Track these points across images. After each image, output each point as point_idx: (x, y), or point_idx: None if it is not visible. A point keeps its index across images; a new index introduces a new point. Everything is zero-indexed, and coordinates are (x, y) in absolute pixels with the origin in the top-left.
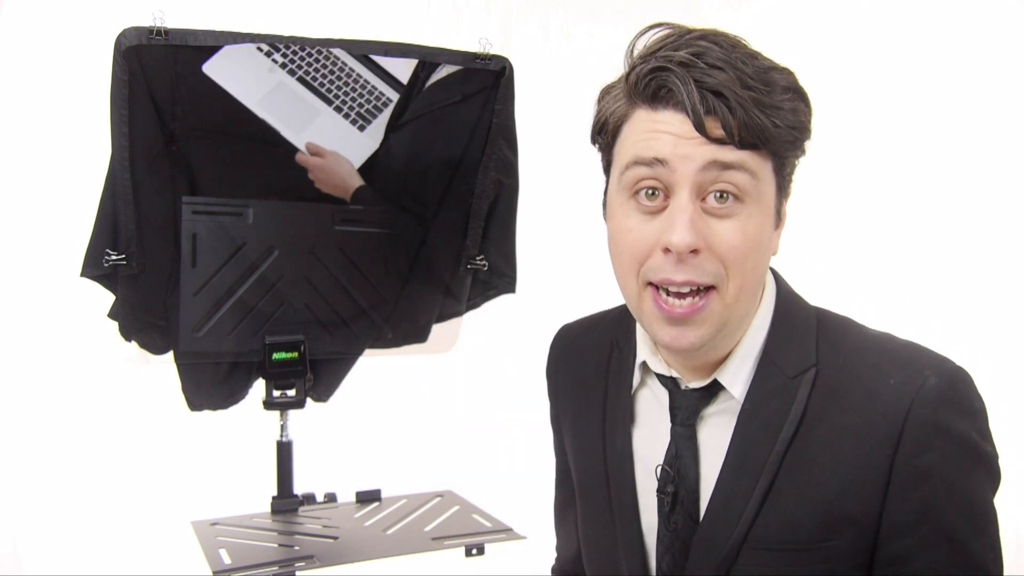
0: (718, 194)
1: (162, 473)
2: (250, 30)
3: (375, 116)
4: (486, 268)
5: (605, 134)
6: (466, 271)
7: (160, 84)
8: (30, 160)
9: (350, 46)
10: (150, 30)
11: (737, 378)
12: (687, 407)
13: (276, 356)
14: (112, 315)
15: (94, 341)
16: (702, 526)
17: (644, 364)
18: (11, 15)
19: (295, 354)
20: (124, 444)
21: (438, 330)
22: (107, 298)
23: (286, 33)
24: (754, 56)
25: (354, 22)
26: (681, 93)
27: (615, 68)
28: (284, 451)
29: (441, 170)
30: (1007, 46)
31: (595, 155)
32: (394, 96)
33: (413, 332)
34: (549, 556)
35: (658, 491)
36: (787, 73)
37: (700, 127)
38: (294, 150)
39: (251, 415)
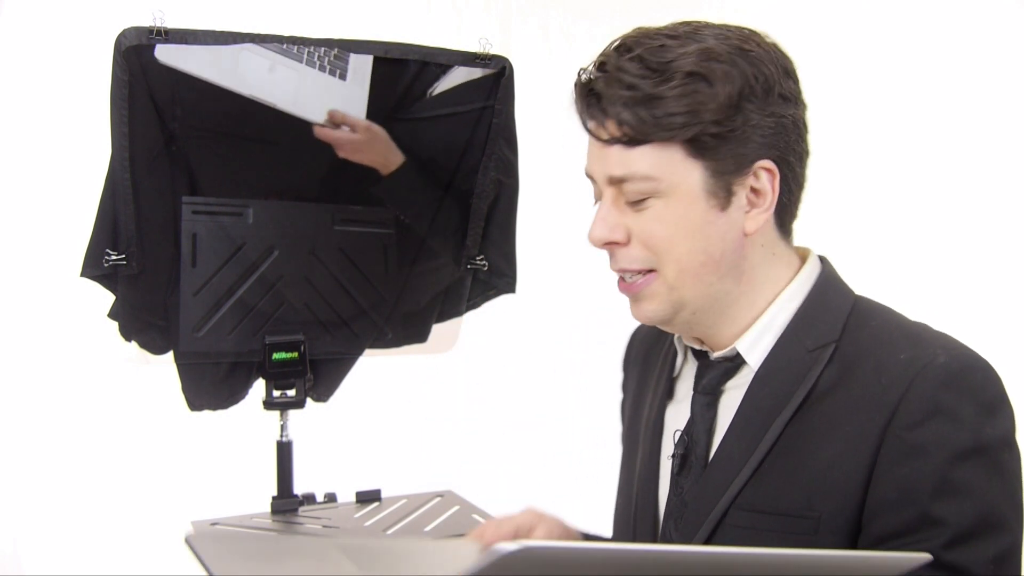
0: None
1: (162, 473)
2: (250, 30)
3: (346, 59)
4: (486, 268)
5: None
6: (466, 271)
7: (160, 84)
8: (30, 160)
9: (350, 46)
10: (150, 30)
11: (756, 347)
12: (710, 376)
13: (276, 356)
14: (112, 315)
15: (94, 341)
16: (698, 485)
17: (680, 340)
18: (11, 15)
19: (295, 354)
20: (124, 444)
21: (438, 330)
22: (107, 298)
23: (286, 33)
24: (657, 50)
25: (354, 22)
26: (576, 105)
27: None
28: (284, 451)
29: (441, 170)
30: (1008, 44)
31: None
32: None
33: (413, 332)
34: None
35: (672, 455)
36: (694, 56)
37: (592, 134)
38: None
39: (251, 415)
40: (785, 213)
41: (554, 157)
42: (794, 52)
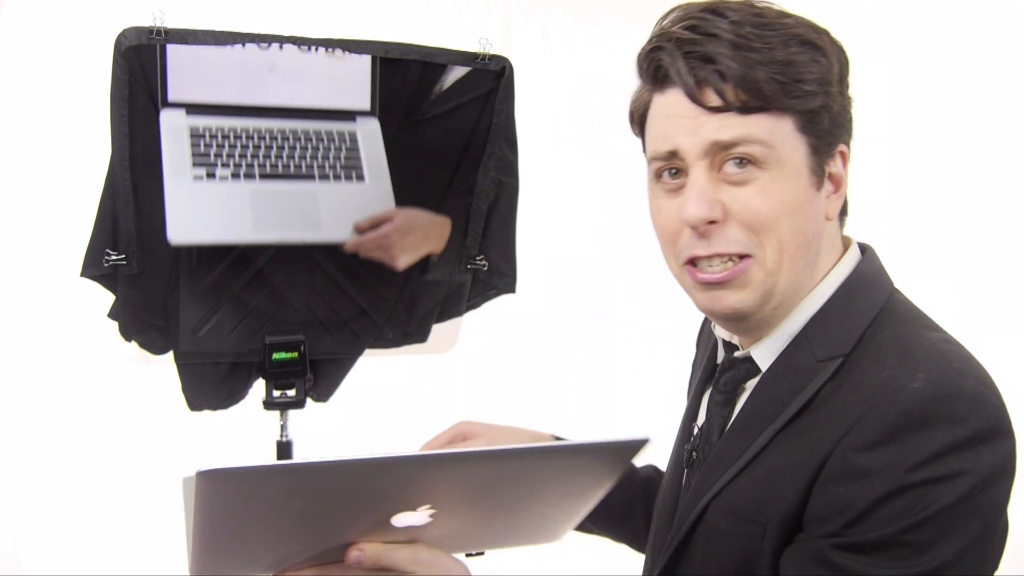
0: (737, 160)
1: (162, 473)
2: (250, 30)
3: (357, 158)
4: (486, 268)
5: (635, 124)
6: (466, 271)
7: (160, 84)
8: (30, 160)
9: (350, 46)
10: (150, 30)
11: (768, 351)
12: (728, 376)
13: (276, 356)
14: (112, 315)
15: (94, 341)
16: (691, 482)
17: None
18: (11, 15)
19: (295, 354)
20: (124, 444)
21: (438, 330)
22: (107, 298)
23: (286, 33)
24: (760, 15)
25: (354, 22)
26: (671, 69)
27: (615, 68)
28: (284, 451)
29: (441, 170)
30: (1009, 44)
31: (595, 154)
32: (351, 127)
33: (413, 332)
34: (549, 558)
35: (687, 448)
36: (803, 26)
37: (696, 100)
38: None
39: (251, 415)
40: (843, 203)
41: (554, 157)
42: None
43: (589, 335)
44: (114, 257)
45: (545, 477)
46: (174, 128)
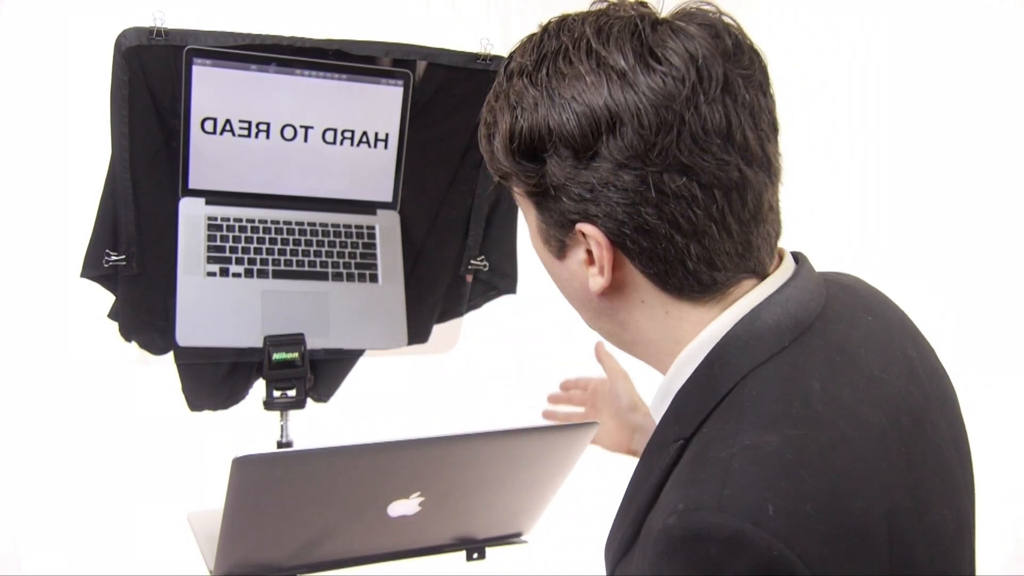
0: None
1: (162, 474)
2: (250, 30)
3: (374, 256)
4: (487, 269)
5: None
6: (467, 271)
7: (161, 84)
8: (30, 160)
9: (350, 46)
10: (150, 30)
11: (655, 410)
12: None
13: (276, 356)
14: (112, 315)
15: (94, 341)
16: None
17: None
18: (11, 15)
19: (295, 354)
20: (124, 444)
21: (439, 330)
22: (107, 298)
23: (286, 33)
24: (548, 72)
25: (355, 23)
26: None
27: None
28: None
29: (442, 170)
30: (1009, 44)
31: None
32: (370, 220)
33: (414, 332)
34: (550, 559)
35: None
36: (494, 95)
37: None
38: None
39: (251, 415)
40: (671, 276)
41: None
42: (794, 50)
43: (589, 336)
44: (114, 257)
45: (515, 459)
46: (192, 218)
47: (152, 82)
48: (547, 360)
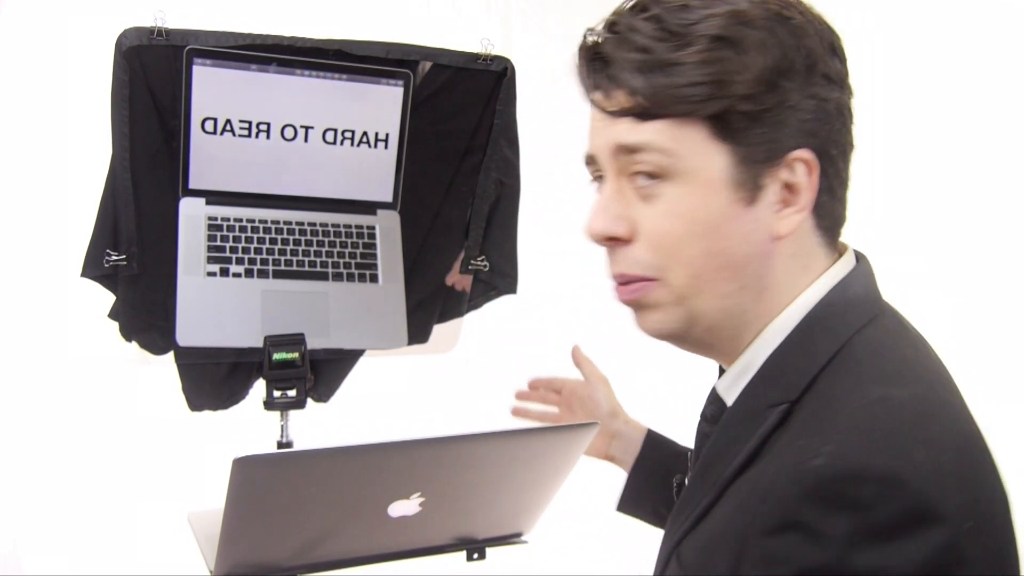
0: (646, 174)
1: (162, 474)
2: (250, 30)
3: (374, 256)
4: (487, 269)
5: None
6: (467, 272)
7: (161, 84)
8: (30, 161)
9: (350, 46)
10: (150, 30)
11: (731, 386)
12: (710, 404)
13: (277, 356)
14: (112, 315)
15: (94, 341)
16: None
17: None
18: (11, 15)
19: (296, 354)
20: (124, 444)
21: (439, 330)
22: (107, 298)
23: (287, 34)
24: (684, 7)
25: (355, 23)
26: (579, 72)
27: None
28: None
29: (442, 171)
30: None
31: None
32: (371, 220)
33: (414, 332)
34: (550, 560)
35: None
36: (724, 19)
37: (596, 103)
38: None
39: (251, 415)
40: (825, 216)
41: (555, 158)
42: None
43: (590, 336)
44: (114, 257)
45: (515, 459)
46: (192, 218)
47: (152, 82)
48: (547, 360)
